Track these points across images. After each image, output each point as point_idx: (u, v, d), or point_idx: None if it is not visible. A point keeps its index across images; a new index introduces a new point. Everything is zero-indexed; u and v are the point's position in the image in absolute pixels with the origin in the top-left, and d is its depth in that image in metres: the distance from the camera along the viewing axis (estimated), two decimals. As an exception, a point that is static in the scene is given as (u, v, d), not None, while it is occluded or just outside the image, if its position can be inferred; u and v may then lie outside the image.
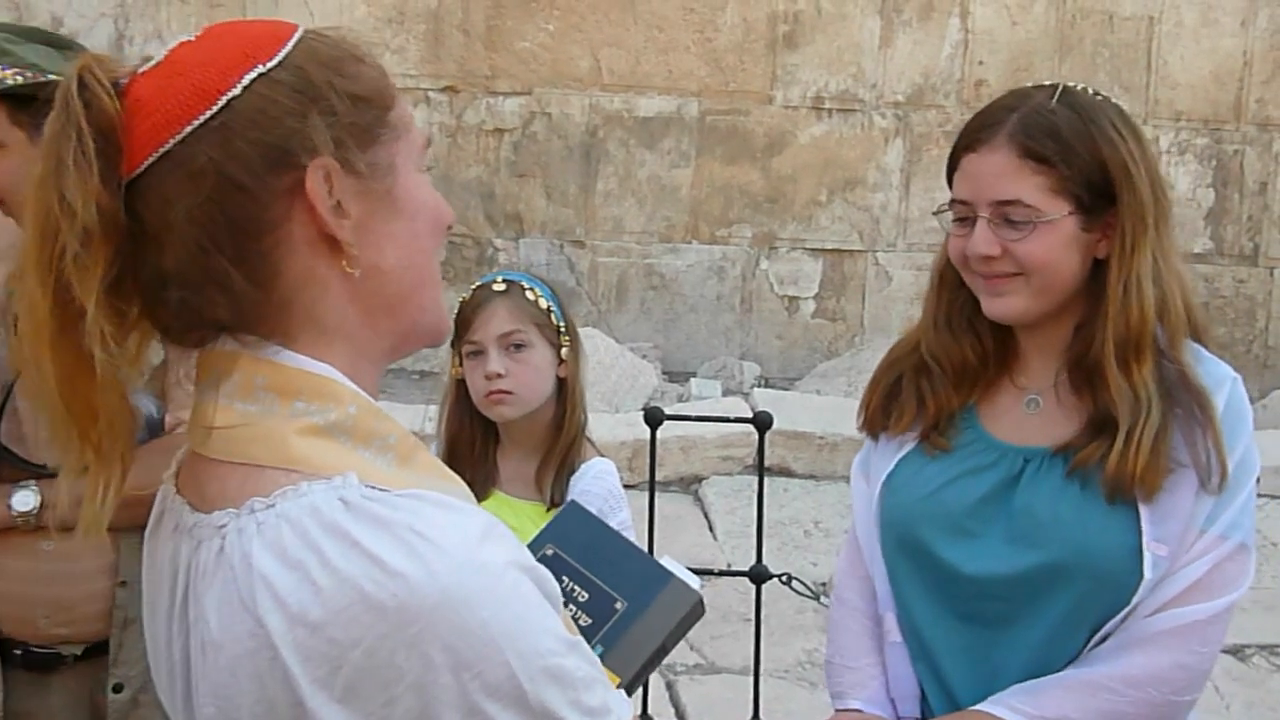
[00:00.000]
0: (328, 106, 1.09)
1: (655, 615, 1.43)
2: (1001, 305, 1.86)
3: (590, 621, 1.42)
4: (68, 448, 1.09)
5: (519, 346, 2.38)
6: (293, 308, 1.11)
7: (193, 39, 1.12)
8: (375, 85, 1.14)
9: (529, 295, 2.42)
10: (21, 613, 2.19)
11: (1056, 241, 1.81)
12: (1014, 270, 1.83)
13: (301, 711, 1.02)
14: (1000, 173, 1.81)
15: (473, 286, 2.49)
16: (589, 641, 1.34)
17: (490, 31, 7.36)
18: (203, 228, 1.06)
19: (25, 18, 6.95)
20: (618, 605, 1.42)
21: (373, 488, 1.04)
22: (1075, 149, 1.80)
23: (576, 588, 1.45)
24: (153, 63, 1.10)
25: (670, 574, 1.46)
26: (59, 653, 2.23)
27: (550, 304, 2.44)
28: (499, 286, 2.43)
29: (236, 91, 1.07)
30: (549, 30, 7.38)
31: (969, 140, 1.86)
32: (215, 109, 1.06)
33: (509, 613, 1.02)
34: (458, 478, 1.16)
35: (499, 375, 2.37)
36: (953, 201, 1.88)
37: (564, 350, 2.44)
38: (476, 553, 1.02)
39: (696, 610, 1.45)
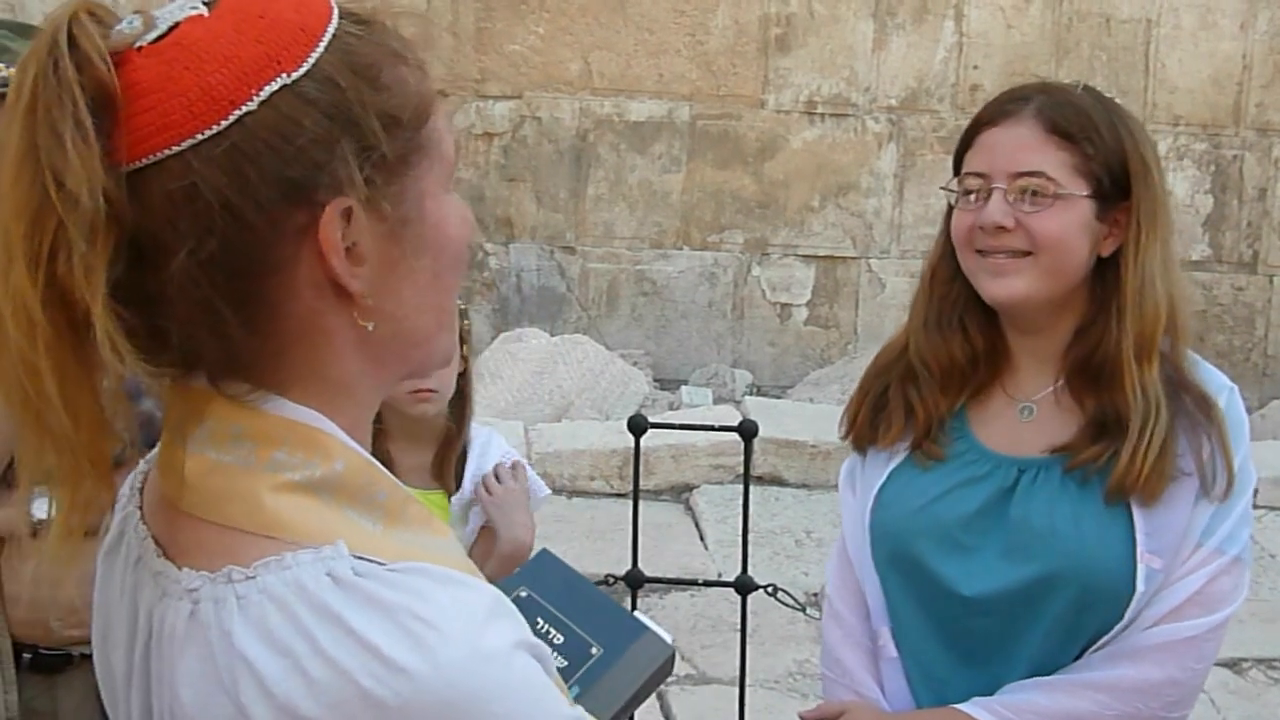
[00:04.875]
0: (359, 135, 0.93)
1: (629, 664, 1.44)
2: (1003, 286, 1.80)
3: (566, 664, 1.44)
4: (41, 455, 0.98)
5: None
6: (289, 356, 0.96)
7: (207, 13, 0.92)
8: (412, 98, 0.97)
9: None
10: (35, 616, 2.20)
11: (1072, 221, 1.77)
12: (1023, 248, 1.78)
13: None
14: (1024, 145, 1.78)
15: None
16: (566, 682, 1.37)
17: (479, 34, 7.32)
18: (197, 261, 0.90)
19: (18, 17, 6.90)
20: (593, 650, 1.44)
21: (363, 559, 0.91)
22: (1101, 132, 1.78)
23: (552, 630, 1.47)
24: (155, 34, 0.91)
25: (645, 626, 1.48)
26: (68, 653, 2.24)
27: None
28: None
29: (253, 106, 0.89)
30: (539, 33, 7.35)
31: (991, 116, 1.83)
32: (225, 124, 0.89)
33: (520, 705, 0.91)
34: (446, 528, 1.03)
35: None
36: (965, 174, 1.83)
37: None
38: (483, 638, 0.90)
39: (668, 666, 1.47)
